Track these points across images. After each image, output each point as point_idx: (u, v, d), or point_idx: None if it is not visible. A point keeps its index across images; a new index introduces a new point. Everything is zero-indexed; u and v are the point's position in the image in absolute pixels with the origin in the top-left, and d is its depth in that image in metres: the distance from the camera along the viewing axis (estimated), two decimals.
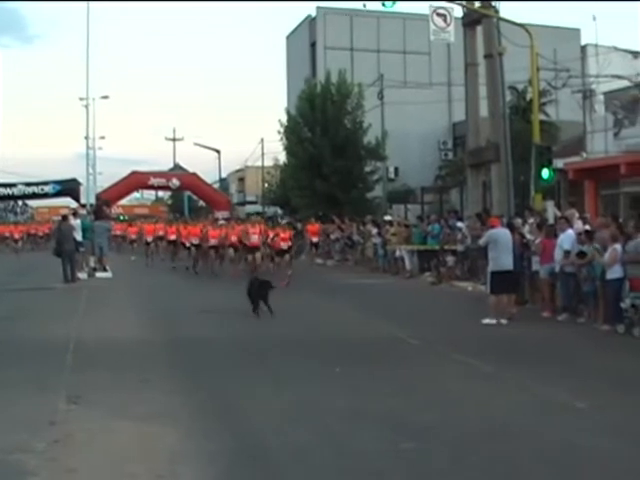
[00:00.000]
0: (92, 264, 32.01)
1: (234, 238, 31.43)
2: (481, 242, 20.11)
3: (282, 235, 30.79)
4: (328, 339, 16.06)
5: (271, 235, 31.52)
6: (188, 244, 34.21)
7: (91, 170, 64.18)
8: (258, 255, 29.88)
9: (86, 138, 63.78)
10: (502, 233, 18.96)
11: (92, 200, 52.89)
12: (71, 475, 7.85)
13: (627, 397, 10.93)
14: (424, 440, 8.92)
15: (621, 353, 14.78)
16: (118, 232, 52.63)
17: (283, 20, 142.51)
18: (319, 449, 8.68)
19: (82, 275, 30.10)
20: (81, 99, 60.24)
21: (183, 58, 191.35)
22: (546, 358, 14.12)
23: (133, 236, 48.19)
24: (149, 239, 40.58)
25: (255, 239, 29.94)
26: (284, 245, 30.50)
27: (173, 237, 37.23)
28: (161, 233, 40.39)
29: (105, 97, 67.59)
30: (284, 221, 43.94)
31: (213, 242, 32.14)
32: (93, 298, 23.71)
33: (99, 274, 31.39)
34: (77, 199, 62.40)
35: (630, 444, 8.79)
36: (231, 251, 32.08)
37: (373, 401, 10.69)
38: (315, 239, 39.10)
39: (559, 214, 24.53)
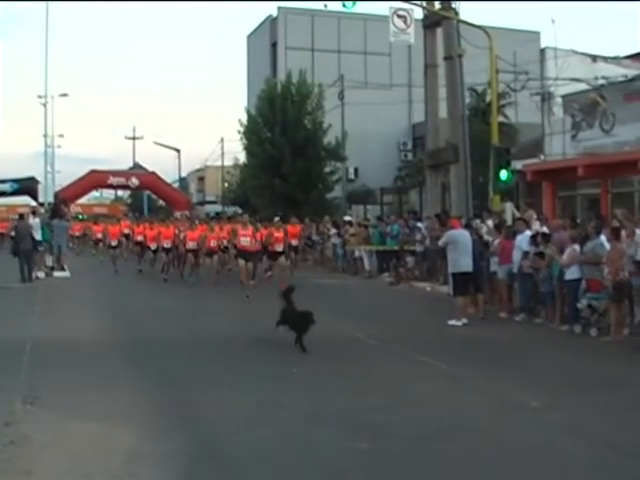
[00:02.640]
0: (50, 263, 31.76)
1: (213, 243, 28.03)
2: (440, 243, 20.17)
3: (276, 235, 26.25)
4: (287, 339, 16.04)
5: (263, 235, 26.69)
6: (154, 247, 30.96)
7: (50, 168, 63.84)
8: (250, 265, 25.20)
9: (45, 136, 63.37)
10: (461, 234, 19.01)
11: (50, 199, 52.50)
12: (27, 477, 7.78)
13: (581, 396, 11.08)
14: (382, 439, 8.95)
15: (577, 353, 14.93)
16: (77, 232, 51.97)
17: (244, 20, 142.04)
18: (278, 448, 8.70)
19: (40, 274, 29.86)
20: (40, 97, 59.88)
21: (143, 56, 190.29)
22: (503, 358, 14.23)
23: (98, 235, 43.23)
24: (114, 242, 35.82)
25: (247, 242, 25.10)
26: (278, 247, 26.08)
27: (140, 238, 33.36)
28: (126, 231, 37.18)
29: (64, 95, 67.09)
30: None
31: (192, 245, 28.35)
32: (51, 298, 23.52)
33: (57, 273, 31.15)
34: (35, 198, 61.99)
35: (583, 442, 8.91)
36: (213, 258, 28.26)
37: (331, 401, 10.72)
38: (295, 242, 32.23)
39: (518, 215, 24.72)
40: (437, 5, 31.23)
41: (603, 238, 17.11)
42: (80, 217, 67.41)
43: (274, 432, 9.29)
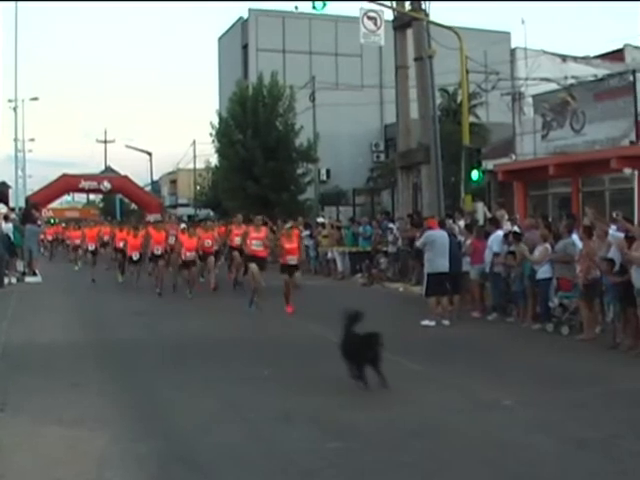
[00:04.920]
0: (21, 268, 31.52)
1: (207, 243, 26.11)
2: (418, 243, 20.16)
3: (287, 246, 21.05)
4: (257, 340, 16.08)
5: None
6: (136, 257, 27.53)
7: (20, 173, 63.45)
8: (257, 272, 21.17)
9: (15, 140, 62.93)
10: (439, 235, 18.97)
11: (22, 203, 52.09)
12: None
13: (553, 394, 11.12)
14: (352, 439, 8.96)
15: (548, 351, 14.99)
16: (50, 237, 51.10)
17: (215, 22, 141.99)
18: (248, 449, 8.69)
19: (11, 280, 29.62)
20: (10, 101, 59.53)
21: (114, 59, 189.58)
22: (475, 357, 14.26)
23: (77, 241, 38.54)
24: (92, 247, 32.84)
25: (260, 246, 21.63)
26: (291, 259, 20.98)
27: (122, 244, 29.31)
28: (106, 238, 33.90)
29: (35, 99, 66.94)
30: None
31: (189, 256, 24.87)
32: (22, 303, 23.36)
33: (28, 278, 30.88)
34: (6, 202, 61.47)
35: (555, 440, 8.92)
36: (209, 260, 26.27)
37: (301, 401, 10.69)
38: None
39: (489, 215, 24.79)
40: (407, 6, 31.28)
41: (575, 237, 17.20)
42: (52, 221, 67.05)
43: (244, 433, 9.29)
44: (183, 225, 30.88)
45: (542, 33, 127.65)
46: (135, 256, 27.54)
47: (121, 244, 29.46)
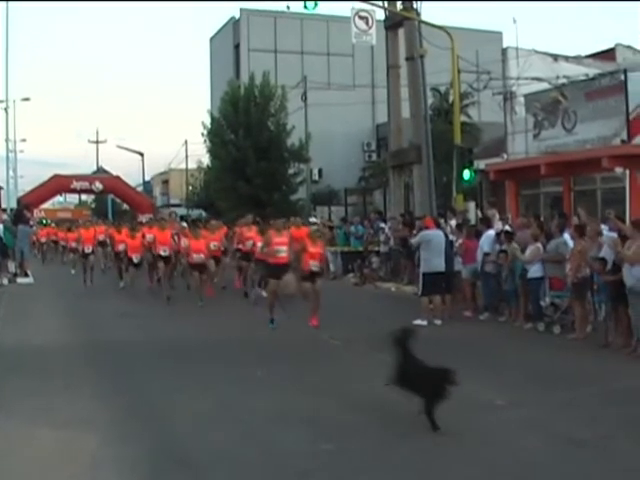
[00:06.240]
0: (13, 269, 31.44)
1: (214, 246, 24.30)
2: (414, 242, 20.19)
3: (311, 249, 18.31)
4: (250, 340, 16.08)
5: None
6: (137, 260, 25.85)
7: (12, 173, 63.52)
8: (290, 278, 18.13)
9: (6, 141, 63.07)
10: (435, 234, 18.99)
11: (13, 204, 52.05)
12: None
13: (546, 393, 11.13)
14: (346, 440, 8.95)
15: (540, 350, 15.00)
16: (43, 239, 49.71)
17: (206, 22, 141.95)
18: (242, 450, 8.69)
19: (3, 281, 29.55)
20: (1, 101, 59.53)
21: (106, 59, 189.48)
22: (467, 356, 14.21)
23: (73, 244, 36.38)
24: (88, 249, 30.41)
25: (284, 253, 18.56)
26: (314, 265, 18.23)
27: (122, 247, 27.40)
28: (102, 238, 32.68)
29: (26, 99, 66.99)
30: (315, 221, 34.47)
31: (197, 259, 22.80)
32: (14, 304, 23.33)
33: (20, 279, 30.83)
34: None
35: (548, 439, 8.94)
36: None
37: (295, 402, 10.70)
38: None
39: (481, 215, 24.81)
40: (399, 5, 31.29)
41: (567, 236, 17.23)
42: (44, 222, 66.92)
43: (238, 434, 9.28)
44: (184, 224, 29.87)
45: (533, 33, 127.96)
46: (136, 258, 25.84)
47: (121, 247, 27.55)
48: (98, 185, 68.25)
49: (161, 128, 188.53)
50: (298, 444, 8.86)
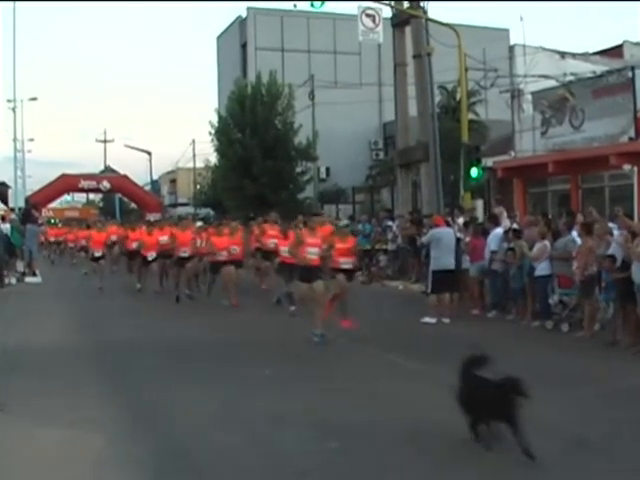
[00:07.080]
0: (21, 269, 31.48)
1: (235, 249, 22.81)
2: (424, 240, 20.23)
3: (340, 246, 17.21)
4: (254, 340, 16.04)
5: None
6: (151, 257, 25.35)
7: (20, 173, 63.58)
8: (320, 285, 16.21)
9: (14, 140, 63.01)
10: (445, 232, 19.04)
11: (21, 204, 52.05)
12: None
13: (553, 392, 11.03)
14: (349, 440, 8.90)
15: (549, 349, 14.97)
16: (52, 238, 49.77)
17: (213, 21, 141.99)
18: (245, 450, 8.65)
19: (11, 280, 29.57)
20: (9, 101, 59.61)
21: (113, 59, 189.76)
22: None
23: (83, 242, 36.10)
24: (98, 253, 28.48)
25: (316, 254, 16.27)
26: (345, 263, 17.42)
27: (135, 245, 26.94)
28: (114, 238, 31.95)
29: (33, 99, 67.09)
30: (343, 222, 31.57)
31: (222, 257, 22.38)
32: (22, 303, 23.35)
33: (28, 279, 30.86)
34: (5, 203, 61.52)
35: (554, 438, 8.86)
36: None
37: (299, 401, 10.67)
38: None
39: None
40: (406, 4, 31.27)
41: (575, 234, 17.19)
42: (52, 221, 66.98)
43: (240, 433, 9.25)
44: (199, 224, 29.10)
45: (540, 30, 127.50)
46: (151, 256, 25.36)
47: (134, 245, 27.06)
48: (106, 184, 68.31)
49: (168, 127, 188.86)
50: (301, 444, 8.83)
